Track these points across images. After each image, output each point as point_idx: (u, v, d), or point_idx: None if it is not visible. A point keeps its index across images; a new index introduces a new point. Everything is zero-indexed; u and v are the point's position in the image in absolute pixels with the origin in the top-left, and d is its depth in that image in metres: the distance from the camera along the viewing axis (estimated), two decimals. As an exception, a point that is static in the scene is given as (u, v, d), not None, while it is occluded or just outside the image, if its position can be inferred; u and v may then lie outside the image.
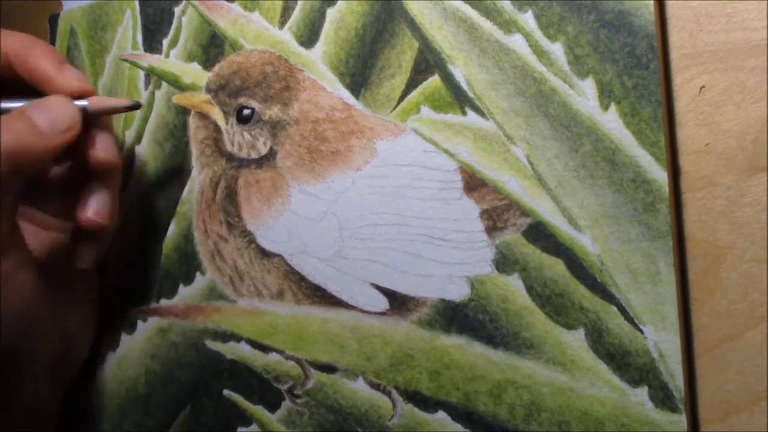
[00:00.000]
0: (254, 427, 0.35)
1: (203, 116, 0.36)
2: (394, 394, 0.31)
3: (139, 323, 0.38)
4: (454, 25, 0.30)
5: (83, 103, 0.33)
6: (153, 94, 0.39)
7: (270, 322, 0.34)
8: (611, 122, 0.27)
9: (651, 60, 0.26)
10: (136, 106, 0.35)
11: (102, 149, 0.34)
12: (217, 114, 0.36)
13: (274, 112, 0.34)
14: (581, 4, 0.27)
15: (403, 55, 0.31)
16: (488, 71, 0.29)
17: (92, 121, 0.34)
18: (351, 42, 0.32)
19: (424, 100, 0.31)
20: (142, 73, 0.39)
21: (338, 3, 0.33)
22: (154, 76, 0.39)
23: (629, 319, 0.26)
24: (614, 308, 0.27)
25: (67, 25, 0.42)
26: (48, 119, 0.31)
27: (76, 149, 0.33)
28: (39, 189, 0.36)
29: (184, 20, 0.38)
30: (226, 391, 0.36)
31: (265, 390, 0.34)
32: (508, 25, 0.29)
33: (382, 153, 0.31)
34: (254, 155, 0.34)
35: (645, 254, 0.26)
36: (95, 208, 0.34)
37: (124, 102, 0.35)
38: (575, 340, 0.27)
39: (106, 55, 0.40)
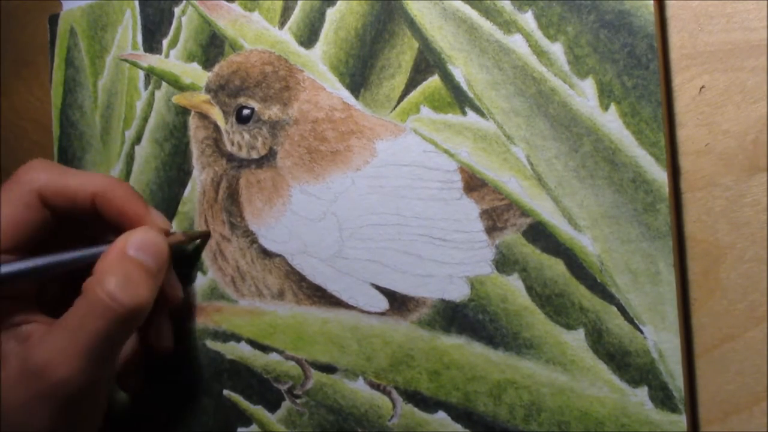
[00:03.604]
0: (254, 427, 0.35)
1: (203, 116, 0.36)
2: (394, 394, 0.31)
3: (140, 323, 0.38)
4: (454, 25, 0.30)
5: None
6: (153, 94, 0.38)
7: (270, 322, 0.34)
8: (611, 122, 0.27)
9: (651, 60, 0.26)
10: (205, 236, 0.36)
11: (174, 287, 0.35)
12: (216, 114, 0.36)
13: (273, 112, 0.34)
14: (581, 4, 0.27)
15: (403, 55, 0.31)
16: (488, 71, 0.29)
17: None
18: (351, 42, 0.32)
19: (424, 100, 0.30)
20: (142, 73, 0.39)
21: (338, 3, 0.33)
22: (154, 76, 0.39)
23: (629, 319, 0.26)
24: (614, 308, 0.27)
25: (67, 25, 0.42)
26: (151, 257, 0.31)
27: None
28: None
29: (184, 20, 0.38)
30: (226, 391, 0.36)
31: (265, 390, 0.34)
32: (508, 25, 0.29)
33: (382, 153, 0.31)
34: (254, 155, 0.34)
35: (645, 254, 0.26)
36: (167, 336, 0.36)
37: (195, 234, 0.36)
38: (575, 340, 0.27)
39: (106, 55, 0.40)
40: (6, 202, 0.31)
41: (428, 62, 0.30)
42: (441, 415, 0.30)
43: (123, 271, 0.30)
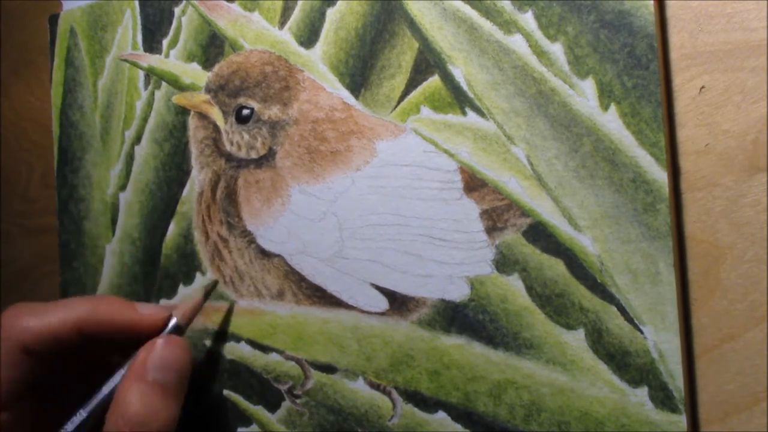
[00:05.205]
0: (254, 427, 0.35)
1: (203, 116, 0.36)
2: (394, 394, 0.31)
3: (139, 323, 0.38)
4: (454, 26, 0.30)
5: (174, 321, 0.33)
6: (153, 94, 0.38)
7: (270, 323, 0.34)
8: (611, 122, 0.27)
9: (651, 60, 0.26)
10: (211, 291, 0.35)
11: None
12: (216, 114, 0.36)
13: (273, 112, 0.34)
14: (581, 4, 0.27)
15: (403, 55, 0.31)
16: (488, 71, 0.29)
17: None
18: (351, 42, 0.32)
19: (424, 100, 0.31)
20: (141, 73, 0.39)
21: (338, 3, 0.33)
22: (153, 76, 0.39)
23: (629, 319, 0.26)
24: (614, 308, 0.27)
25: (67, 25, 0.42)
26: (172, 373, 0.30)
27: None
28: None
29: (184, 20, 0.38)
30: (226, 391, 0.36)
31: (265, 390, 0.34)
32: (508, 26, 0.29)
33: (382, 153, 0.31)
34: (253, 155, 0.34)
35: (645, 254, 0.26)
36: None
37: (203, 300, 0.34)
38: (575, 340, 0.27)
39: (106, 55, 0.40)
40: None
41: (428, 62, 0.30)
42: (441, 415, 0.30)
43: (144, 398, 0.29)
